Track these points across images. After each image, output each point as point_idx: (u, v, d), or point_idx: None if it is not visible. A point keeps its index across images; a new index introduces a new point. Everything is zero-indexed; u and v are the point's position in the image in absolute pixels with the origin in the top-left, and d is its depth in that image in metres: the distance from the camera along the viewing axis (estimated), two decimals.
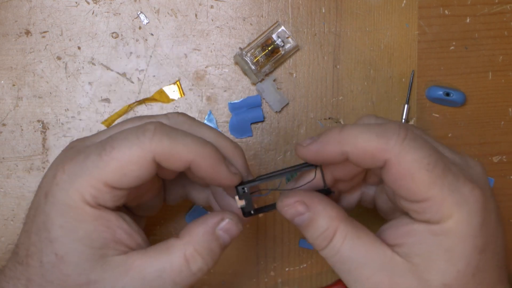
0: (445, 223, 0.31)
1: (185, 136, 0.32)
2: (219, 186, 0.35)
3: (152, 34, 0.48)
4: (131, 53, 0.48)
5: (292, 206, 0.34)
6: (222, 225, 0.34)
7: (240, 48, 0.48)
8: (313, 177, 0.36)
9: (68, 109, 0.48)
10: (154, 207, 0.40)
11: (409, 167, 0.31)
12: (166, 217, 0.47)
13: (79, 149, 0.34)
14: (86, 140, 0.35)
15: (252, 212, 0.36)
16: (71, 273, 0.31)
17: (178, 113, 0.36)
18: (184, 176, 0.38)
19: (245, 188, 0.35)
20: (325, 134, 0.33)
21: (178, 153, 0.32)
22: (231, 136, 0.48)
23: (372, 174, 0.38)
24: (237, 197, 0.35)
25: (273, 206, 0.36)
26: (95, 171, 0.31)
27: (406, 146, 0.31)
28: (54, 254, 0.32)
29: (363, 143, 0.32)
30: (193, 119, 0.36)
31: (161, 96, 0.48)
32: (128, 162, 0.31)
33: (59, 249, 0.32)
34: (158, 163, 0.32)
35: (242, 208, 0.36)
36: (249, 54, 0.47)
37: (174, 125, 0.34)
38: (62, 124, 0.48)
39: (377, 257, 0.32)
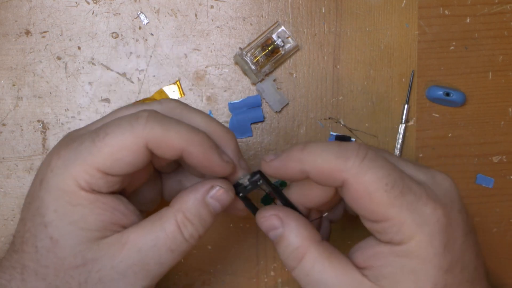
0: (407, 244, 0.31)
1: (178, 124, 0.33)
2: (213, 175, 0.35)
3: (152, 34, 0.48)
4: (131, 53, 0.48)
5: (268, 219, 0.34)
6: (213, 193, 0.34)
7: (240, 48, 0.48)
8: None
9: (68, 109, 0.48)
10: (152, 201, 0.40)
11: (367, 187, 0.31)
12: None
13: (73, 136, 0.34)
14: (82, 129, 0.36)
15: (243, 197, 0.36)
16: (66, 256, 0.32)
17: (170, 99, 0.36)
18: (181, 171, 0.39)
19: (258, 181, 0.36)
20: (287, 151, 0.34)
21: (170, 140, 0.32)
22: None
23: None
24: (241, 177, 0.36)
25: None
26: (88, 157, 0.32)
27: (364, 166, 0.31)
28: (49, 238, 0.32)
29: (321, 163, 0.32)
30: (185, 104, 0.36)
31: (161, 96, 0.48)
32: (120, 148, 0.31)
33: (54, 233, 0.32)
34: (150, 150, 0.32)
35: (238, 187, 0.36)
36: (249, 54, 0.47)
37: (167, 110, 0.34)
38: (62, 124, 0.48)
39: (347, 281, 0.32)
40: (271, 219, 0.34)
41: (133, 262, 0.32)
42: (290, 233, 0.33)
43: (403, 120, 0.49)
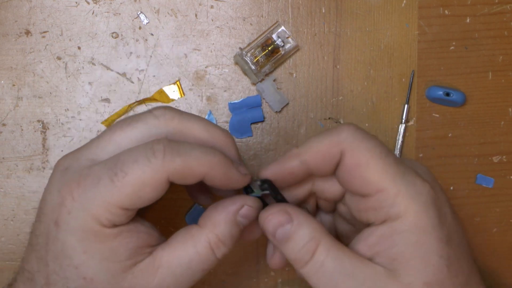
0: (405, 216, 0.31)
1: (194, 149, 0.32)
2: (232, 189, 0.35)
3: (152, 34, 0.48)
4: (131, 53, 0.48)
5: (275, 215, 0.33)
6: (243, 212, 0.34)
7: (240, 48, 0.48)
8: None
9: (68, 109, 0.48)
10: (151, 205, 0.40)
11: (363, 154, 0.32)
12: (166, 217, 0.47)
13: (80, 171, 0.33)
14: (78, 157, 0.34)
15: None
16: None
17: (164, 108, 0.35)
18: None
19: (265, 190, 0.35)
20: (284, 154, 0.35)
21: (191, 169, 0.32)
22: None
23: (325, 202, 0.38)
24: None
25: None
26: (109, 196, 0.31)
27: (358, 136, 0.32)
28: (82, 279, 0.31)
29: (317, 145, 0.33)
30: (180, 112, 0.35)
31: (161, 96, 0.48)
32: (142, 185, 0.31)
33: (87, 273, 0.31)
34: (171, 181, 0.32)
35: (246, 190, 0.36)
36: (249, 54, 0.47)
37: (164, 124, 0.34)
38: (62, 124, 0.48)
39: (362, 268, 0.32)
40: (279, 215, 0.33)
41: (167, 284, 0.32)
42: (300, 227, 0.33)
43: (403, 120, 0.49)
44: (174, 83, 0.48)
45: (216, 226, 0.33)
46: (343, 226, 0.39)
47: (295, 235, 0.33)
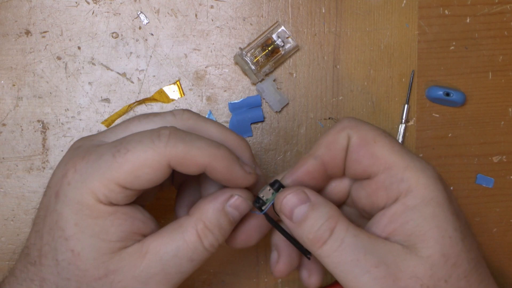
0: (416, 190, 0.31)
1: (199, 139, 0.33)
2: (235, 186, 0.35)
3: (152, 34, 0.48)
4: (131, 53, 0.48)
5: (293, 195, 0.33)
6: (231, 202, 0.34)
7: (240, 48, 0.48)
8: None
9: (68, 109, 0.48)
10: (152, 195, 0.40)
11: (370, 134, 0.33)
12: (166, 217, 0.47)
13: (88, 148, 0.33)
14: (92, 138, 0.35)
15: (262, 210, 0.35)
16: (88, 268, 0.32)
17: (183, 110, 0.36)
18: None
19: (280, 188, 0.35)
20: (298, 160, 0.36)
21: (193, 157, 0.32)
22: None
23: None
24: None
25: (280, 228, 0.35)
26: (108, 171, 0.31)
27: (359, 122, 0.34)
28: (70, 251, 0.32)
29: (324, 138, 0.34)
30: (197, 115, 0.36)
31: (161, 96, 0.48)
32: (142, 165, 0.31)
33: (75, 246, 0.32)
34: (172, 167, 0.32)
35: (258, 202, 0.35)
36: (249, 54, 0.47)
37: (180, 123, 0.35)
38: (62, 124, 0.48)
39: (380, 245, 0.32)
40: (296, 194, 0.33)
41: (154, 271, 0.32)
42: (318, 206, 0.33)
43: (403, 120, 0.49)
44: (174, 83, 0.48)
45: (203, 214, 0.34)
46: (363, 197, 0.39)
47: (313, 213, 0.33)
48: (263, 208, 0.35)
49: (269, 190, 0.34)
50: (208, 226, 0.33)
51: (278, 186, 0.34)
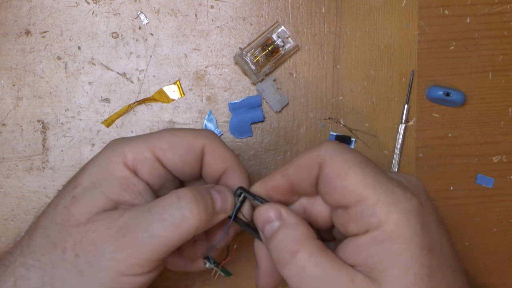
0: (385, 225, 0.31)
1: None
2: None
3: (152, 34, 0.48)
4: (131, 53, 0.48)
5: (265, 212, 0.34)
6: (217, 188, 0.36)
7: (240, 48, 0.48)
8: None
9: (68, 109, 0.48)
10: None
11: (343, 165, 0.32)
12: None
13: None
14: (139, 144, 0.38)
15: (237, 219, 0.37)
16: (75, 213, 0.33)
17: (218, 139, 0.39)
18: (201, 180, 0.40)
19: (242, 194, 0.36)
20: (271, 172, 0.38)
21: (226, 152, 0.37)
22: (231, 136, 0.48)
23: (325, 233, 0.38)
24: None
25: (254, 231, 0.36)
26: (144, 140, 0.35)
27: (337, 150, 0.33)
28: (71, 197, 0.34)
29: (298, 160, 0.34)
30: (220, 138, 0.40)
31: (161, 96, 0.48)
32: (180, 138, 0.36)
33: (78, 192, 0.34)
34: (204, 153, 0.36)
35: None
36: (249, 54, 0.47)
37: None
38: (62, 124, 0.48)
39: (342, 275, 0.32)
40: (269, 212, 0.34)
41: (125, 224, 0.33)
42: (287, 227, 0.33)
43: (403, 120, 0.49)
44: (174, 83, 0.48)
45: (189, 188, 0.35)
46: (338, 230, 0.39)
47: (279, 233, 0.33)
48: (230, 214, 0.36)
49: (235, 195, 0.37)
50: (190, 189, 0.34)
51: (240, 193, 0.36)
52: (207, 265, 0.37)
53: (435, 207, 0.34)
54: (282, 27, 0.48)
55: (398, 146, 0.49)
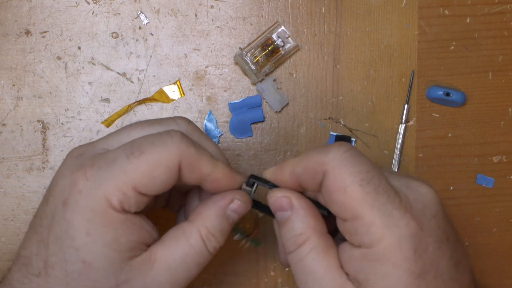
0: (376, 247, 0.31)
1: (205, 149, 0.34)
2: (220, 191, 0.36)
3: (152, 34, 0.48)
4: (131, 53, 0.48)
5: (278, 200, 0.35)
6: (232, 206, 0.35)
7: (240, 48, 0.48)
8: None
9: (68, 109, 0.48)
10: (160, 206, 0.40)
11: (343, 179, 0.32)
12: (166, 217, 0.47)
13: (95, 155, 0.33)
14: (94, 145, 0.35)
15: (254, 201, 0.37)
16: (99, 279, 0.31)
17: (186, 120, 0.36)
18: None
19: (255, 183, 0.36)
20: (282, 162, 0.36)
21: (201, 163, 0.33)
22: (231, 136, 0.48)
23: None
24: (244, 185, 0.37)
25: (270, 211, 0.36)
26: (123, 175, 0.31)
27: (344, 160, 0.32)
28: (81, 262, 0.31)
29: (306, 160, 0.34)
30: (200, 131, 0.37)
31: (161, 96, 0.48)
32: (157, 165, 0.32)
33: (87, 257, 0.31)
34: (181, 168, 0.33)
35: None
36: (249, 54, 0.47)
37: (184, 130, 0.35)
38: (62, 124, 0.48)
39: (334, 277, 0.33)
40: (282, 200, 0.35)
41: (164, 279, 0.33)
42: (296, 218, 0.34)
43: (403, 120, 0.49)
44: (174, 83, 0.48)
45: (206, 220, 0.34)
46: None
47: (289, 223, 0.34)
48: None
49: (245, 183, 0.37)
50: (211, 231, 0.34)
51: (252, 181, 0.36)
52: (236, 236, 0.38)
53: (446, 222, 0.33)
54: (282, 27, 0.48)
55: (398, 146, 0.49)
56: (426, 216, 0.32)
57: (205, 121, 0.48)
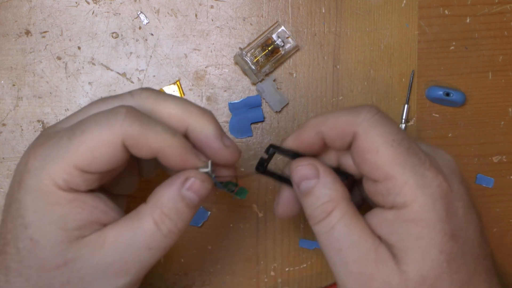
0: (410, 207, 0.31)
1: (156, 124, 0.32)
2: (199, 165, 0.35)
3: (152, 34, 0.48)
4: (131, 53, 0.48)
5: (305, 167, 0.34)
6: (188, 185, 0.33)
7: (240, 48, 0.48)
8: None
9: (68, 109, 0.48)
10: (131, 184, 0.39)
11: (375, 140, 0.32)
12: None
13: (49, 134, 0.33)
14: (56, 125, 0.35)
15: (262, 170, 0.36)
16: (47, 256, 0.32)
17: (142, 88, 0.35)
18: None
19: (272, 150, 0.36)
20: (303, 124, 0.35)
21: (147, 140, 0.32)
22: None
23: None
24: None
25: (286, 180, 0.36)
26: (65, 155, 0.31)
27: (374, 121, 0.32)
28: (29, 239, 0.32)
29: (335, 120, 0.33)
30: (157, 92, 0.35)
31: None
32: (98, 145, 0.31)
33: (34, 234, 0.32)
34: (126, 147, 0.32)
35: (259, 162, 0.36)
36: (249, 54, 0.47)
37: (140, 103, 0.34)
38: None
39: (367, 242, 0.32)
40: (307, 168, 0.34)
41: (112, 260, 0.32)
42: (324, 186, 0.33)
43: (403, 120, 0.49)
44: (174, 83, 0.48)
45: (159, 200, 0.33)
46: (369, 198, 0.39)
47: (316, 191, 0.33)
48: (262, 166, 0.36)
49: (265, 153, 0.36)
50: (164, 212, 0.33)
51: (272, 151, 0.36)
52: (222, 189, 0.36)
53: (468, 191, 0.34)
54: (282, 27, 0.48)
55: None
56: (455, 181, 0.33)
57: None
